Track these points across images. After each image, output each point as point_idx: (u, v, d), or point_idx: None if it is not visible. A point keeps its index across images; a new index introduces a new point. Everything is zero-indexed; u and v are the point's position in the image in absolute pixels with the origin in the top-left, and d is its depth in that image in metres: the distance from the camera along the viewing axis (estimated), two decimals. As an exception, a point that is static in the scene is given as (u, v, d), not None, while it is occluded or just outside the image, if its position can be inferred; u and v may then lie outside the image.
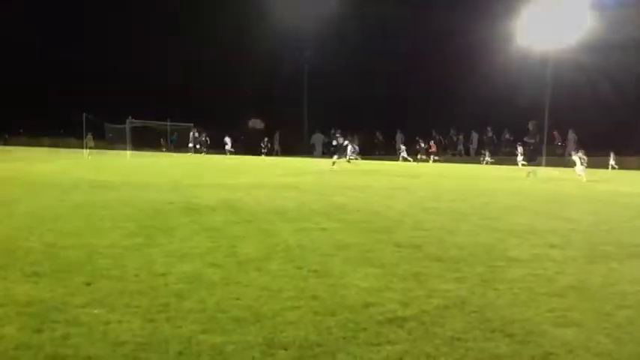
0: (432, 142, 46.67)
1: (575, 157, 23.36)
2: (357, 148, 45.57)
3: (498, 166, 39.94)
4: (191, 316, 3.72)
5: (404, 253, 6.09)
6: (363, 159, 40.78)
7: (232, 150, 47.16)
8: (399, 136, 52.75)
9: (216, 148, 47.32)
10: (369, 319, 3.79)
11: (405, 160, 46.94)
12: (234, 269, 5.05)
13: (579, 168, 22.90)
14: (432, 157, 45.59)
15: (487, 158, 47.58)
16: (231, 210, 8.94)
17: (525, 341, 3.50)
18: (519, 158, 40.00)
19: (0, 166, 17.85)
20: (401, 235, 7.18)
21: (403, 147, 48.84)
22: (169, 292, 4.23)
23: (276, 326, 3.60)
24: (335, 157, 30.17)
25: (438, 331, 3.62)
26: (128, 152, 37.03)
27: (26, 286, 4.24)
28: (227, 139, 47.93)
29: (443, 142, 50.93)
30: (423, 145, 47.68)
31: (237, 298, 4.16)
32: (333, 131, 31.31)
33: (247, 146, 49.26)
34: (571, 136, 22.07)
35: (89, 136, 43.34)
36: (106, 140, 46.52)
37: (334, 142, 31.72)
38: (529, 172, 22.89)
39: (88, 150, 38.55)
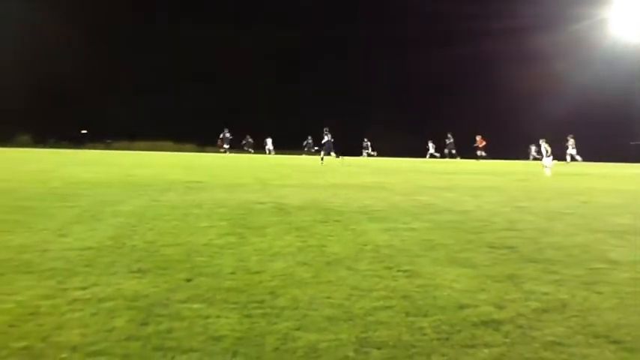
0: (480, 137, 44.36)
1: (544, 147, 22.82)
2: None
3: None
4: (285, 313, 3.81)
5: (497, 253, 5.92)
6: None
7: (271, 149, 48.42)
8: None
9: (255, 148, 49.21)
10: (463, 321, 3.72)
11: (432, 156, 45.95)
12: (324, 268, 5.13)
13: (547, 159, 22.48)
14: (479, 152, 43.83)
15: (534, 153, 45.86)
16: (319, 210, 9.06)
17: (635, 349, 3.30)
18: None
19: (103, 169, 19.09)
20: (493, 236, 6.98)
21: (432, 144, 47.58)
22: (264, 290, 4.36)
23: (368, 325, 3.62)
24: (322, 153, 31.03)
25: (537, 334, 3.49)
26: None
27: (132, 282, 4.51)
28: (268, 140, 49.15)
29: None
30: (452, 140, 46.18)
31: (329, 297, 4.22)
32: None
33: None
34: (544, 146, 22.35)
35: None
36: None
37: (323, 140, 32.33)
38: None
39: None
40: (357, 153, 47.07)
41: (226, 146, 47.63)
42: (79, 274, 4.71)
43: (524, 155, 46.03)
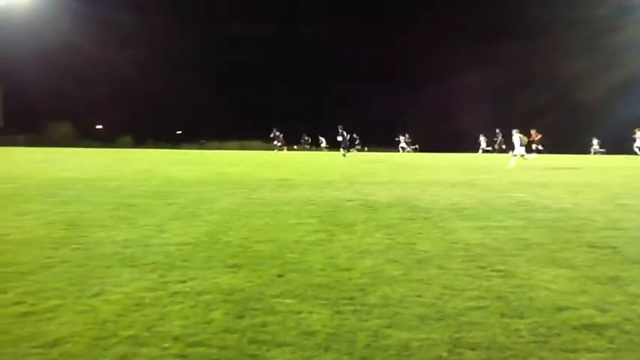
0: (534, 131, 42.63)
1: (515, 137, 22.52)
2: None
3: (614, 156, 35.34)
4: (376, 311, 3.82)
5: (598, 254, 5.60)
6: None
7: (327, 146, 49.53)
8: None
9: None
10: (562, 324, 3.56)
11: (484, 152, 45.13)
12: (414, 266, 5.08)
13: (520, 149, 22.22)
14: (535, 146, 42.08)
15: (596, 147, 43.99)
16: (408, 207, 8.97)
17: None
18: None
19: (198, 168, 19.94)
20: (593, 235, 6.60)
21: (483, 138, 46.17)
22: (354, 287, 4.39)
23: (461, 326, 3.55)
24: (343, 150, 33.54)
25: (646, 341, 3.28)
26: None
27: (228, 276, 4.70)
28: (322, 138, 51.32)
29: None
30: (501, 136, 44.91)
31: (420, 296, 4.18)
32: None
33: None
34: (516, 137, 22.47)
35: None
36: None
37: (339, 138, 34.79)
38: None
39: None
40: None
41: (279, 143, 49.02)
42: (179, 268, 4.97)
43: (582, 149, 44.48)
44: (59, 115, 57.24)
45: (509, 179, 15.19)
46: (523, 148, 22.42)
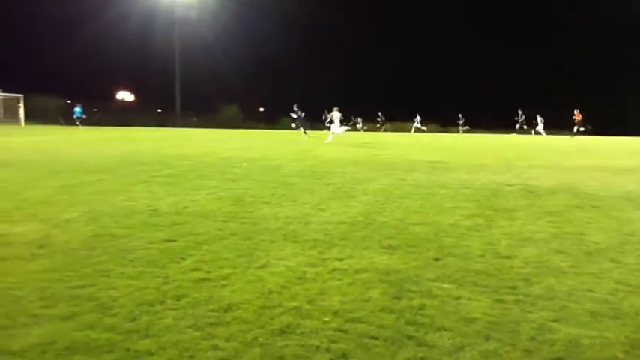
0: (577, 110, 37.21)
1: (334, 115, 24.99)
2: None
3: None
4: (540, 302, 3.63)
5: None
6: None
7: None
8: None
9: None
10: None
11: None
12: (583, 258, 4.73)
13: (337, 126, 24.70)
14: (575, 128, 37.13)
15: None
16: (574, 194, 8.34)
17: None
18: None
19: (350, 149, 20.31)
20: None
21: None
22: (516, 275, 4.21)
23: (639, 326, 3.24)
24: (301, 129, 33.27)
25: None
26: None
27: (384, 257, 4.75)
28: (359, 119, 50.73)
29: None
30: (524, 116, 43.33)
31: (590, 290, 3.89)
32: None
33: None
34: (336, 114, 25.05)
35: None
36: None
37: (294, 115, 34.50)
38: None
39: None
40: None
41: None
42: (337, 245, 5.13)
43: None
44: (227, 98, 62.66)
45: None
46: (337, 125, 24.82)
